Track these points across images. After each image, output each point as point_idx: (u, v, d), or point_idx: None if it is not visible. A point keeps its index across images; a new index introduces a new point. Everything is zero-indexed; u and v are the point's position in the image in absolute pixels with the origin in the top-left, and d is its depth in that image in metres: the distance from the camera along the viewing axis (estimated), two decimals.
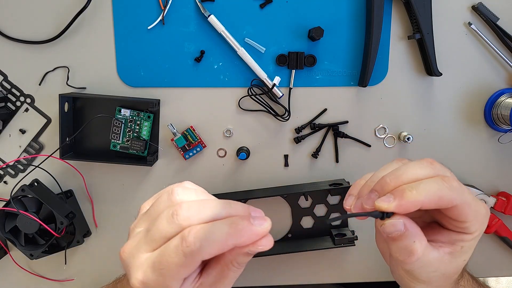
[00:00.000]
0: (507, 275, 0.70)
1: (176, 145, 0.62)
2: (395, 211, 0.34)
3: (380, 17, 0.58)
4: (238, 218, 0.33)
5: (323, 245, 0.63)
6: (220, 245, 0.32)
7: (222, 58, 0.61)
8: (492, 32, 0.61)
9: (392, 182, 0.35)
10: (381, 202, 0.34)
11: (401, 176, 0.35)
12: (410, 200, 0.33)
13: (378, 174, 0.39)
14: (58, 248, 0.63)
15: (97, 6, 0.59)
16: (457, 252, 0.37)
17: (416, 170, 0.35)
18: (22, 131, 0.63)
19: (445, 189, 0.33)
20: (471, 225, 0.36)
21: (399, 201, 0.33)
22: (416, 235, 0.35)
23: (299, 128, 0.63)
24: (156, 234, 0.33)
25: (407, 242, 0.35)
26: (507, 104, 0.61)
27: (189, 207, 0.33)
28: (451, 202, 0.34)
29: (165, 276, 0.32)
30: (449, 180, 0.34)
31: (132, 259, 0.34)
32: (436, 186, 0.33)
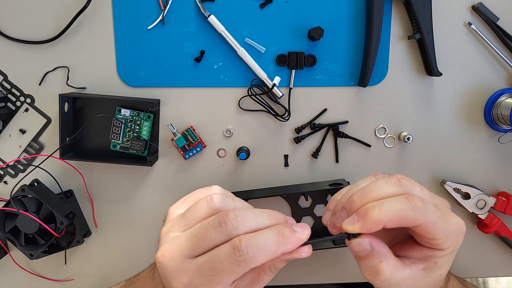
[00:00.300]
0: (507, 275, 0.70)
1: (176, 145, 0.62)
2: (359, 231, 0.35)
3: (380, 17, 0.58)
4: (283, 226, 0.34)
5: (323, 245, 0.63)
6: (271, 253, 0.33)
7: (222, 58, 0.61)
8: (492, 32, 0.61)
9: (359, 201, 0.36)
10: (347, 225, 0.35)
11: (367, 194, 0.36)
12: (373, 220, 0.34)
13: (351, 189, 0.39)
14: (58, 248, 0.63)
15: (97, 6, 0.59)
16: (431, 268, 0.37)
17: (383, 188, 0.36)
18: (22, 131, 0.63)
19: (408, 209, 0.34)
20: (442, 242, 0.36)
21: (362, 222, 0.34)
22: (383, 255, 0.35)
23: (299, 128, 0.63)
24: (202, 241, 0.34)
25: (373, 262, 0.35)
26: (507, 104, 0.61)
27: (236, 216, 0.34)
28: (414, 221, 0.34)
29: (213, 281, 0.34)
30: (413, 200, 0.34)
31: (174, 262, 0.35)
32: (399, 205, 0.34)
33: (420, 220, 0.34)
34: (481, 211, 0.64)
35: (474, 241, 0.68)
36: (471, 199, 0.64)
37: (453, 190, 0.64)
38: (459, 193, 0.64)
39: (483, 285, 1.16)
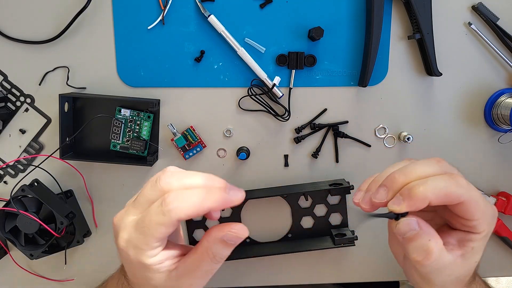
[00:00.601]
0: (507, 275, 0.70)
1: (176, 145, 0.62)
2: (406, 210, 0.35)
3: (380, 17, 0.58)
4: (215, 187, 0.36)
5: (323, 245, 0.63)
6: (195, 206, 0.35)
7: (222, 58, 0.61)
8: (492, 32, 0.61)
9: (400, 178, 0.36)
10: (393, 205, 0.35)
11: (409, 173, 0.36)
12: (419, 197, 0.34)
13: (387, 170, 0.39)
14: (58, 248, 0.63)
15: (97, 6, 0.59)
16: (468, 254, 0.38)
17: (424, 168, 0.36)
18: (22, 131, 0.63)
19: (452, 186, 0.34)
20: (479, 224, 0.36)
21: (408, 200, 0.34)
22: (431, 234, 0.36)
23: (299, 128, 0.63)
24: (141, 198, 0.37)
25: (423, 241, 0.35)
26: (507, 104, 0.61)
27: (171, 174, 0.37)
28: (458, 198, 0.35)
29: (146, 234, 0.36)
30: (456, 177, 0.35)
31: (121, 222, 0.38)
32: (444, 183, 0.34)
33: (464, 197, 0.35)
34: None
35: None
36: None
37: None
38: None
39: None
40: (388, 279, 0.68)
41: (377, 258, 0.68)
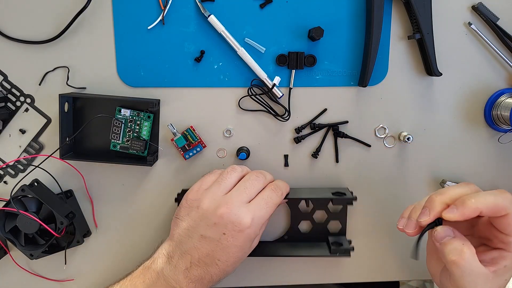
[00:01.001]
0: None
1: (176, 145, 0.62)
2: (459, 218, 0.40)
3: (380, 17, 0.58)
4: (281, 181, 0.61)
5: (318, 252, 0.62)
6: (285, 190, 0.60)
7: (222, 58, 0.61)
8: (492, 32, 0.61)
9: (437, 198, 0.43)
10: (447, 213, 0.41)
11: (445, 193, 0.43)
12: (471, 206, 0.40)
13: (421, 202, 0.47)
14: (58, 248, 0.63)
15: (97, 6, 0.59)
16: (500, 270, 0.42)
17: (457, 189, 0.43)
18: (22, 131, 0.63)
19: (500, 199, 0.40)
20: None
21: (462, 209, 0.40)
22: (464, 240, 0.42)
23: (299, 128, 0.63)
24: (251, 189, 0.54)
25: (457, 244, 0.41)
26: (507, 104, 0.61)
27: (263, 172, 0.59)
28: (505, 210, 0.40)
29: (267, 210, 0.54)
30: (505, 192, 0.41)
31: (238, 209, 0.51)
32: (493, 196, 0.41)
33: (510, 209, 0.40)
34: None
35: None
36: None
37: None
38: None
39: None
40: (388, 279, 0.68)
41: (377, 258, 0.68)
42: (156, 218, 0.65)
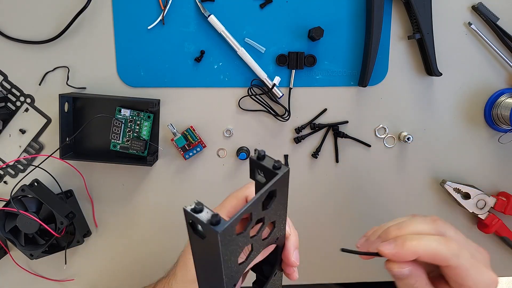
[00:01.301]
0: (507, 275, 0.70)
1: (176, 145, 0.62)
2: (390, 258, 0.38)
3: (380, 17, 0.58)
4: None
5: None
6: None
7: (222, 58, 0.61)
8: (492, 32, 0.61)
9: (393, 232, 0.40)
10: (383, 248, 0.38)
11: (403, 228, 0.40)
12: (409, 249, 0.37)
13: (388, 224, 0.44)
14: (58, 248, 0.63)
15: (97, 6, 0.59)
16: None
17: (418, 226, 0.39)
18: (22, 131, 0.63)
19: (443, 248, 0.37)
20: None
21: (399, 249, 0.37)
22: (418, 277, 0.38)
23: (299, 128, 0.63)
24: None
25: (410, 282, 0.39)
26: (507, 104, 0.61)
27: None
28: (446, 261, 0.37)
29: None
30: (450, 241, 0.37)
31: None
32: (435, 243, 0.37)
33: (452, 262, 0.37)
34: (481, 211, 0.64)
35: (474, 241, 0.67)
36: (471, 199, 0.64)
37: (453, 190, 0.64)
38: (459, 193, 0.64)
39: None
40: (388, 279, 0.68)
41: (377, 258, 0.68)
42: (156, 218, 0.65)
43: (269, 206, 0.34)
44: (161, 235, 0.66)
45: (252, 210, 0.31)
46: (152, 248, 0.67)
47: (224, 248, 0.29)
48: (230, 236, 0.29)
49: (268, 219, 0.35)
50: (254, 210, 0.32)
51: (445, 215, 0.67)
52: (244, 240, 0.33)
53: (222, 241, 0.28)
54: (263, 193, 0.32)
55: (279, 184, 0.33)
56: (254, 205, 0.31)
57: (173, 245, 0.66)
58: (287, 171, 0.33)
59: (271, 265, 0.41)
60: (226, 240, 0.29)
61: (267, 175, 0.34)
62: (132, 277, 0.68)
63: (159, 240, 0.66)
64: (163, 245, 0.67)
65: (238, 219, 0.29)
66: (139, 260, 0.67)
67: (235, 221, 0.29)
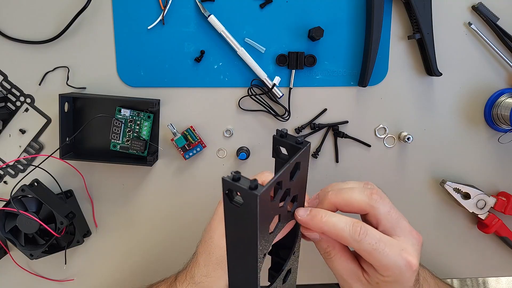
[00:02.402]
0: (507, 275, 0.70)
1: (176, 145, 0.62)
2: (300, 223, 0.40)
3: (380, 17, 0.58)
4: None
5: None
6: None
7: (222, 58, 0.61)
8: (492, 32, 0.61)
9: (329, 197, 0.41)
10: (297, 211, 0.40)
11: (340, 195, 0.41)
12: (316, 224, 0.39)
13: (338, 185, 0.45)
14: (58, 248, 0.63)
15: (97, 6, 0.59)
16: (374, 285, 0.40)
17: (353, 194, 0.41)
18: (22, 131, 0.63)
19: (345, 231, 0.38)
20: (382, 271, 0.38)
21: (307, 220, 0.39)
22: (330, 242, 0.41)
23: (299, 128, 0.63)
24: None
25: (323, 246, 0.41)
26: (507, 104, 0.61)
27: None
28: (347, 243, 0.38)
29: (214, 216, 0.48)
30: (356, 225, 0.38)
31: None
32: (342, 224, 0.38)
33: (354, 245, 0.38)
34: (481, 211, 0.64)
35: (474, 241, 0.68)
36: (471, 199, 0.64)
37: (453, 190, 0.64)
38: (459, 193, 0.64)
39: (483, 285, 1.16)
40: None
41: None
42: (156, 218, 0.65)
43: (294, 177, 0.36)
44: (161, 235, 0.66)
45: (283, 178, 0.34)
46: (152, 248, 0.67)
47: (261, 213, 0.31)
48: (265, 201, 0.31)
49: (293, 192, 0.38)
50: (284, 179, 0.34)
51: (445, 215, 0.67)
52: (275, 208, 0.35)
53: (260, 205, 0.30)
54: (292, 162, 0.35)
55: (302, 158, 0.36)
56: (284, 174, 0.34)
57: (174, 245, 0.66)
58: (309, 145, 0.36)
59: (288, 248, 0.42)
60: (262, 205, 0.31)
61: (290, 151, 0.37)
62: (132, 277, 0.68)
63: (159, 240, 0.66)
64: (163, 245, 0.67)
65: (273, 184, 0.32)
66: (139, 260, 0.67)
67: (271, 186, 0.32)
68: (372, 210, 0.40)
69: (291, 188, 0.37)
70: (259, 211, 0.30)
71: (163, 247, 0.67)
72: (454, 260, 0.69)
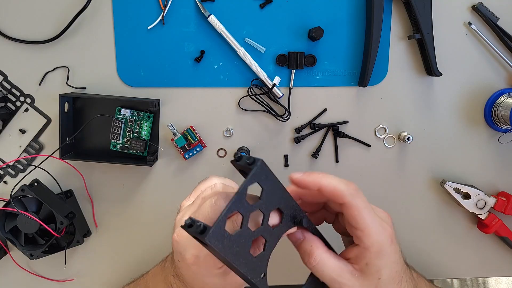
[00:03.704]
0: (507, 275, 0.70)
1: (176, 145, 0.62)
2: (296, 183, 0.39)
3: (380, 17, 0.58)
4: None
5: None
6: None
7: (222, 58, 0.61)
8: (492, 32, 0.61)
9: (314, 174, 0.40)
10: (292, 174, 0.40)
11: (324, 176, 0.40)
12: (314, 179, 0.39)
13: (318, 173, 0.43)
14: (58, 248, 0.63)
15: (97, 6, 0.59)
16: (364, 269, 0.40)
17: (334, 180, 0.40)
18: (22, 131, 0.63)
19: (342, 186, 0.38)
20: (364, 236, 0.39)
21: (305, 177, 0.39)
22: (313, 241, 0.41)
23: (299, 128, 0.63)
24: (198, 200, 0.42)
25: (305, 246, 0.40)
26: (507, 104, 0.61)
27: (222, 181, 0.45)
28: (342, 197, 0.38)
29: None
30: (350, 184, 0.39)
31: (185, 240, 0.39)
32: (336, 181, 0.39)
33: (347, 199, 0.38)
34: (481, 211, 0.64)
35: (474, 241, 0.68)
36: (471, 199, 0.64)
37: (453, 190, 0.64)
38: (459, 193, 0.64)
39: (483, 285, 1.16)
40: None
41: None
42: (156, 218, 0.65)
43: (261, 197, 0.35)
44: (161, 235, 0.66)
45: (238, 208, 0.33)
46: (152, 248, 0.67)
47: (225, 248, 0.31)
48: (223, 237, 0.31)
49: (270, 208, 0.36)
50: (242, 207, 0.33)
51: (445, 215, 0.67)
52: (248, 235, 0.34)
53: (218, 244, 0.30)
54: (241, 190, 0.33)
55: (259, 176, 0.34)
56: (236, 204, 0.32)
57: None
58: (260, 163, 0.34)
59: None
60: (221, 241, 0.30)
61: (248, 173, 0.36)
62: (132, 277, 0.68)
63: (159, 240, 0.66)
64: (163, 245, 0.67)
65: (223, 221, 0.31)
66: (139, 260, 0.67)
67: (219, 224, 0.31)
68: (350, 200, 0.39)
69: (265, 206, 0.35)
70: (220, 249, 0.30)
71: (163, 247, 0.67)
72: (454, 260, 0.68)
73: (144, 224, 0.66)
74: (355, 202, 0.38)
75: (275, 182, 0.37)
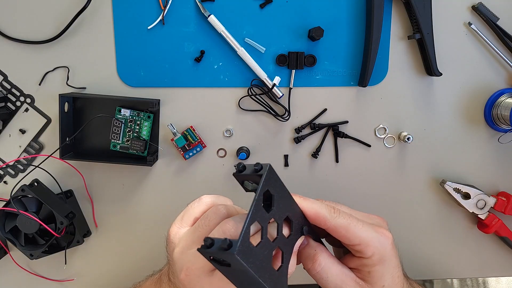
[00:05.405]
0: (507, 275, 0.70)
1: (176, 145, 0.62)
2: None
3: (380, 17, 0.58)
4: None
5: None
6: None
7: (222, 58, 0.61)
8: (492, 32, 0.61)
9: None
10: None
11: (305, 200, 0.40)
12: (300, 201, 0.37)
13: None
14: (58, 248, 0.63)
15: (97, 6, 0.59)
16: (367, 277, 0.39)
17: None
18: (22, 131, 0.63)
19: (324, 210, 0.37)
20: (363, 249, 0.38)
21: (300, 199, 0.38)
22: (317, 247, 0.39)
23: (299, 128, 0.63)
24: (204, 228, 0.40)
25: (309, 251, 0.39)
26: (507, 104, 0.61)
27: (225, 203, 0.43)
28: (325, 222, 0.37)
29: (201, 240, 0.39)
30: (331, 208, 0.38)
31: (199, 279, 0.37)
32: (318, 205, 0.38)
33: (330, 223, 0.37)
34: (481, 211, 0.64)
35: (474, 241, 0.68)
36: (471, 199, 0.64)
37: (453, 190, 0.64)
38: (459, 193, 0.64)
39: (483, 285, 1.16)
40: None
41: None
42: (156, 218, 0.65)
43: (273, 205, 0.33)
44: (161, 235, 0.66)
45: (257, 218, 0.31)
46: (152, 248, 0.67)
47: (251, 263, 0.29)
48: (249, 250, 0.29)
49: (282, 217, 0.35)
50: (259, 217, 0.32)
51: (445, 215, 0.67)
52: (269, 246, 0.33)
53: (245, 259, 0.28)
54: (257, 198, 0.31)
55: (269, 183, 0.33)
56: (256, 213, 0.31)
57: None
58: (269, 168, 0.33)
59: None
60: (248, 255, 0.29)
61: (255, 181, 0.34)
62: (132, 277, 0.68)
63: (159, 240, 0.66)
64: (163, 245, 0.66)
65: (248, 232, 0.29)
66: (139, 260, 0.67)
67: (246, 236, 0.29)
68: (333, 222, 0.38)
69: (277, 215, 0.34)
70: (247, 265, 0.28)
71: (163, 247, 0.67)
72: (454, 260, 0.69)
73: (144, 224, 0.66)
74: (339, 222, 0.37)
75: (283, 188, 0.35)
